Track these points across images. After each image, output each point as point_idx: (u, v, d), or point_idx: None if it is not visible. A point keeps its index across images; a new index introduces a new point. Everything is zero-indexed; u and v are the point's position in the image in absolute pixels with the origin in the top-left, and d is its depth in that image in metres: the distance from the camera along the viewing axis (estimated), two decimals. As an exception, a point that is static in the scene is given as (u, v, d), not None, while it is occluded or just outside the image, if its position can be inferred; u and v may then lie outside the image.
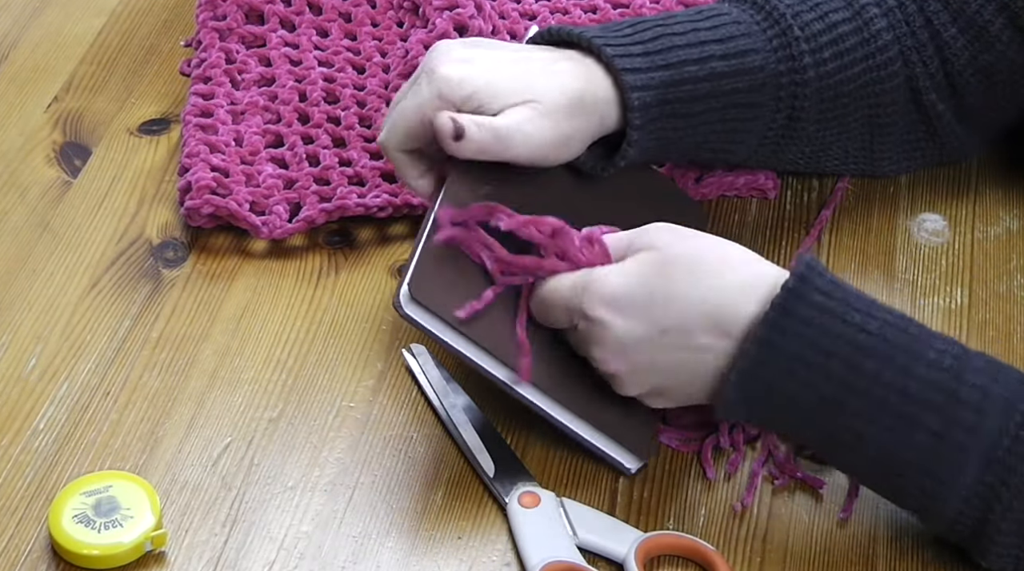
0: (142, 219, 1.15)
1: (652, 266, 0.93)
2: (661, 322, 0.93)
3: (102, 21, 1.32)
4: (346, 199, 1.14)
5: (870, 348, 0.90)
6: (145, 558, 0.94)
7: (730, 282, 0.92)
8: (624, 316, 0.93)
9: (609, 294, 0.93)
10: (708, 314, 0.92)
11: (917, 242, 1.16)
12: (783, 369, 0.90)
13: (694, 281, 0.92)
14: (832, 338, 0.90)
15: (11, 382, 1.04)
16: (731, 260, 0.94)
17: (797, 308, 0.90)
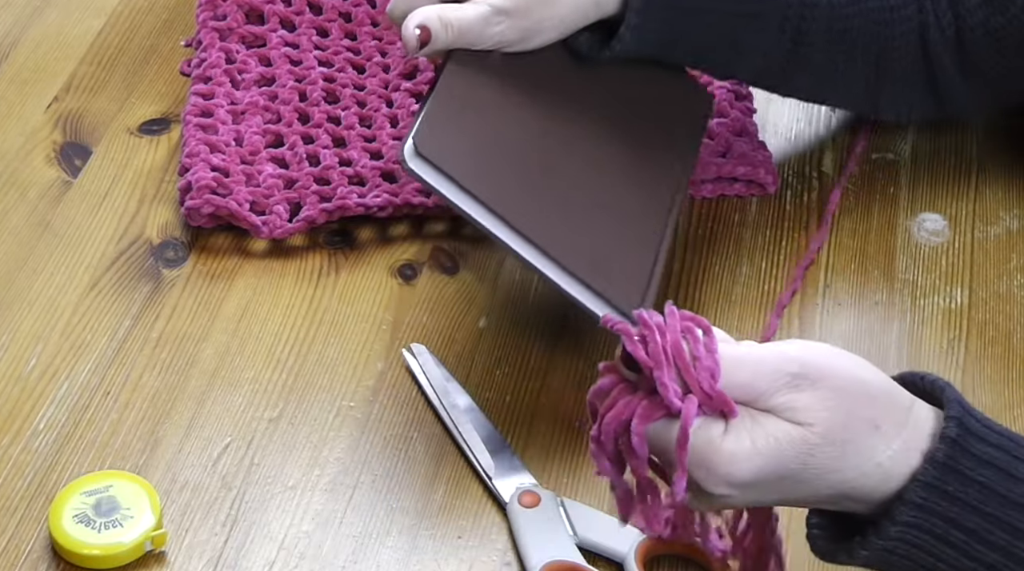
0: (142, 219, 1.15)
1: (796, 451, 0.77)
2: (786, 496, 0.80)
3: (102, 21, 1.32)
4: (346, 199, 1.14)
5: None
6: (145, 558, 0.94)
7: (880, 466, 0.78)
8: (746, 492, 0.78)
9: (736, 479, 0.77)
10: (842, 495, 0.79)
11: (917, 242, 1.16)
12: (937, 533, 0.78)
13: (836, 473, 0.78)
14: (998, 499, 0.77)
15: (11, 382, 1.04)
16: (883, 430, 0.78)
17: (959, 463, 0.77)
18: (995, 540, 0.78)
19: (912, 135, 1.25)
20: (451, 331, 1.08)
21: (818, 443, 0.77)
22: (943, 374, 1.05)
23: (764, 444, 0.77)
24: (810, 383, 0.77)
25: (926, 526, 0.78)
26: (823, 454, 0.77)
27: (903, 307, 1.11)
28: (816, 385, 0.77)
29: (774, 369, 0.78)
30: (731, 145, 1.20)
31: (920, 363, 1.07)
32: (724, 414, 0.77)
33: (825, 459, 0.77)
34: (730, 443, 0.77)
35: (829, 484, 0.78)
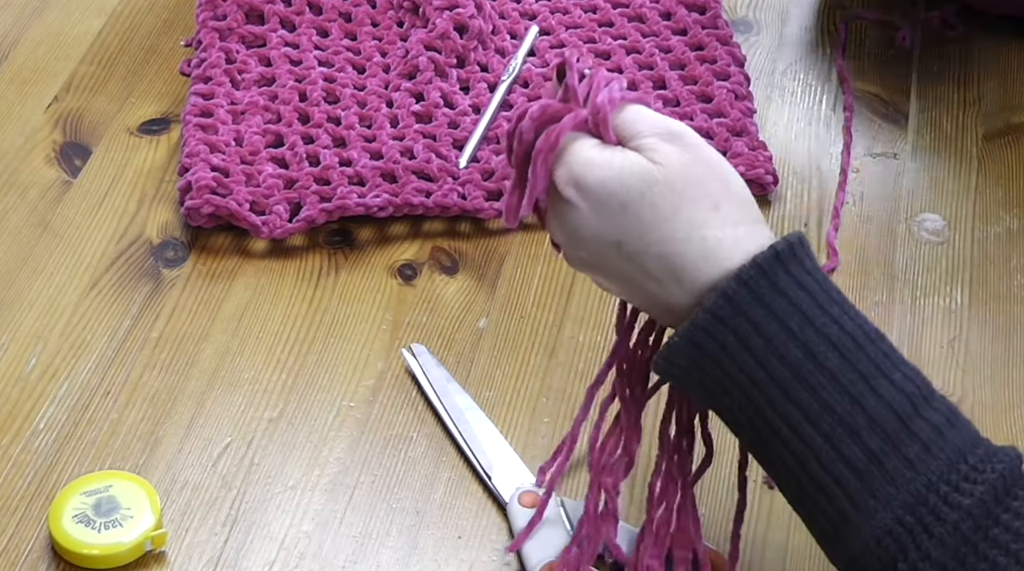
0: (142, 219, 1.15)
1: (640, 179, 0.84)
2: (621, 235, 0.84)
3: (102, 21, 1.32)
4: (346, 199, 1.14)
5: (837, 343, 0.81)
6: (145, 558, 0.94)
7: (705, 239, 0.83)
8: (588, 206, 0.85)
9: (584, 181, 0.84)
10: (667, 262, 0.84)
11: (917, 242, 1.16)
12: (740, 334, 0.81)
13: (666, 223, 0.83)
14: (802, 318, 0.81)
15: (11, 382, 1.04)
16: (722, 213, 0.84)
17: (776, 274, 0.82)
18: (788, 354, 0.81)
19: (912, 135, 1.25)
20: (451, 331, 1.08)
21: (659, 180, 0.83)
22: (943, 374, 1.06)
23: (618, 163, 0.84)
24: (682, 143, 0.85)
25: (732, 323, 0.81)
26: (660, 195, 0.83)
27: (903, 307, 1.11)
28: (685, 147, 0.85)
29: (659, 121, 0.86)
30: (731, 145, 1.20)
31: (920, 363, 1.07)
32: (603, 137, 0.86)
33: (661, 201, 0.83)
34: (592, 150, 0.85)
35: (660, 235, 0.83)
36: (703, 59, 1.27)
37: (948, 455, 0.79)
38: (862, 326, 0.82)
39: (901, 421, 0.80)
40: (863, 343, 0.82)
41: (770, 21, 1.35)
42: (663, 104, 1.23)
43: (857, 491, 0.80)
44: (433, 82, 1.24)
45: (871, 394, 0.81)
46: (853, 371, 0.81)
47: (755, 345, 0.81)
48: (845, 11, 1.36)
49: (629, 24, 1.31)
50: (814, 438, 0.81)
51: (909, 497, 0.79)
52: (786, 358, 0.81)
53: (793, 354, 0.81)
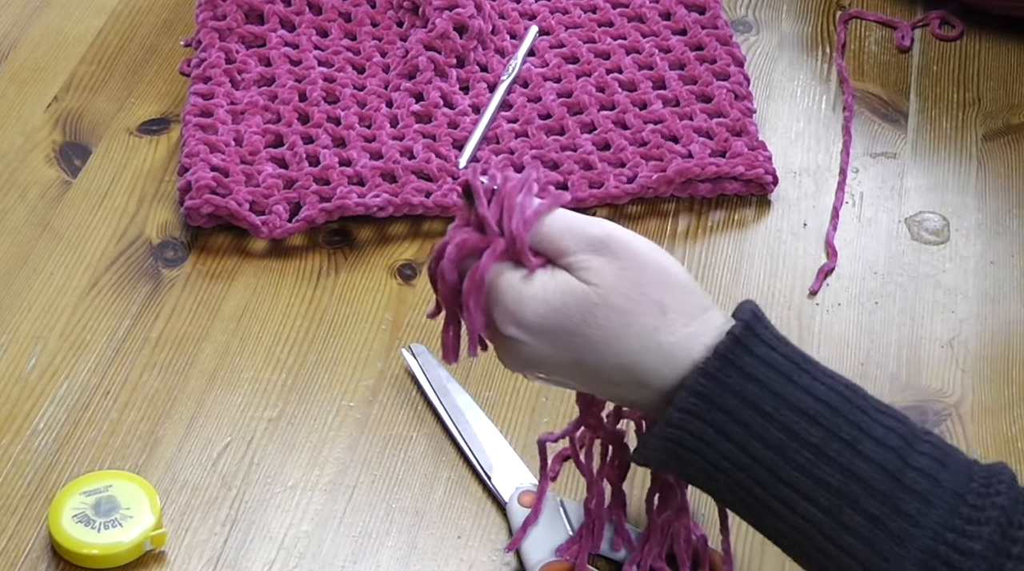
0: (142, 219, 1.15)
1: (578, 305, 0.82)
2: (575, 355, 0.83)
3: (102, 21, 1.32)
4: (346, 199, 1.14)
5: (816, 415, 0.80)
6: (145, 558, 0.94)
7: (661, 345, 0.82)
8: (537, 341, 0.83)
9: (523, 322, 0.82)
10: (628, 372, 0.83)
11: (917, 242, 1.16)
12: (717, 426, 0.81)
13: (618, 340, 0.82)
14: (776, 398, 0.80)
15: (11, 382, 1.04)
16: (670, 316, 0.82)
17: (741, 359, 0.81)
18: (768, 437, 0.80)
19: (912, 135, 1.25)
20: (451, 331, 1.08)
21: (598, 303, 0.81)
22: (943, 374, 1.06)
23: (552, 293, 0.82)
24: (610, 252, 0.82)
25: (706, 416, 0.81)
26: (603, 316, 0.82)
27: (903, 308, 1.11)
28: (615, 255, 0.82)
29: (581, 231, 0.83)
30: (731, 145, 1.20)
31: (920, 363, 1.07)
32: (524, 264, 0.83)
33: (606, 321, 0.82)
34: (523, 285, 0.82)
35: (615, 352, 0.82)
36: (703, 59, 1.27)
37: (947, 502, 0.79)
38: (834, 388, 0.81)
39: (894, 478, 0.79)
40: (839, 406, 0.81)
41: (770, 21, 1.35)
42: (663, 104, 1.23)
43: (865, 557, 0.79)
44: (433, 82, 1.24)
45: (859, 459, 0.79)
46: (837, 440, 0.80)
47: (734, 433, 0.81)
48: (845, 11, 1.36)
49: (629, 24, 1.31)
50: (813, 514, 0.80)
51: (919, 553, 0.78)
52: (768, 441, 0.80)
53: (774, 436, 0.80)
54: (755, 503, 0.82)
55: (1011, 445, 1.02)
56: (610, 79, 1.25)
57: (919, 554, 0.78)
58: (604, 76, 1.25)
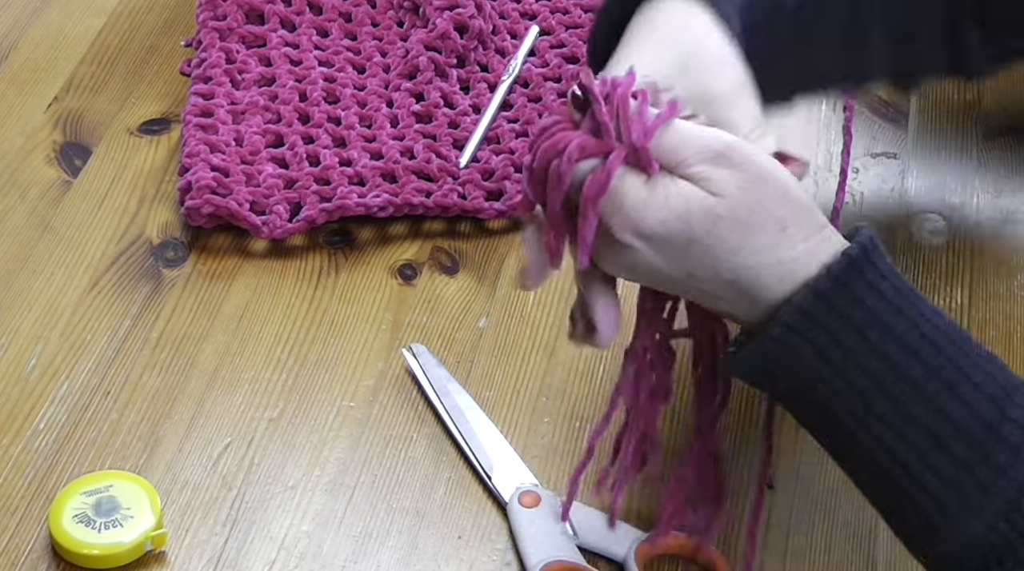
0: (142, 219, 1.15)
1: (703, 216, 0.80)
2: (689, 268, 0.81)
3: (102, 21, 1.32)
4: (346, 199, 1.14)
5: (918, 351, 0.79)
6: (145, 558, 0.94)
7: (780, 262, 0.80)
8: (653, 249, 0.81)
9: (644, 229, 0.80)
10: (740, 286, 0.81)
11: (917, 242, 1.16)
12: (818, 345, 0.80)
13: (737, 254, 0.80)
14: (882, 328, 0.79)
15: (11, 382, 1.04)
16: (790, 232, 0.81)
17: (852, 283, 0.80)
18: (868, 365, 0.79)
19: (912, 135, 1.25)
20: (451, 331, 1.08)
21: (723, 215, 0.80)
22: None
23: (676, 201, 0.80)
24: (732, 164, 0.80)
25: (808, 334, 0.80)
26: (727, 229, 0.80)
27: (903, 307, 1.11)
28: (737, 167, 0.80)
29: (702, 142, 0.81)
30: (731, 145, 1.19)
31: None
32: (646, 170, 0.80)
33: (729, 234, 0.80)
34: (645, 191, 0.80)
35: (731, 266, 0.81)
36: (703, 59, 1.27)
37: None
38: (940, 327, 0.81)
39: (988, 427, 0.79)
40: (943, 346, 0.80)
41: (770, 21, 1.35)
42: (663, 104, 1.23)
43: (946, 500, 0.79)
44: (433, 82, 1.24)
45: (956, 401, 0.79)
46: (936, 379, 0.79)
47: (834, 357, 0.80)
48: (845, 11, 1.36)
49: (629, 24, 1.31)
50: (899, 449, 0.79)
51: (1002, 504, 0.78)
52: (867, 370, 0.80)
53: (874, 366, 0.79)
54: (841, 431, 0.81)
55: None
56: (610, 79, 1.25)
57: (1002, 505, 0.77)
58: (604, 76, 1.25)
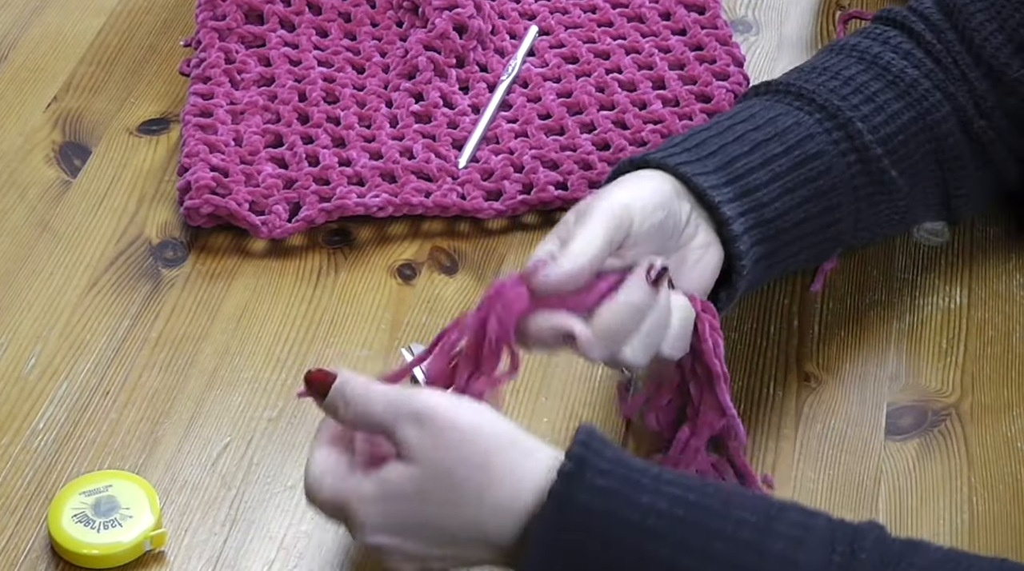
0: (142, 219, 1.15)
1: (410, 488, 0.83)
2: (434, 541, 0.84)
3: (102, 21, 1.32)
4: (346, 199, 1.14)
5: (660, 533, 0.80)
6: (145, 558, 0.94)
7: (491, 502, 0.82)
8: (400, 538, 0.84)
9: (377, 525, 0.84)
10: (474, 538, 0.83)
11: (917, 242, 1.16)
12: (571, 567, 0.81)
13: (453, 510, 0.83)
14: (618, 526, 0.80)
15: (11, 382, 1.04)
16: (494, 473, 0.83)
17: (575, 496, 0.81)
18: (624, 565, 0.80)
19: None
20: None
21: (424, 479, 0.83)
22: (943, 374, 1.06)
23: (387, 489, 0.84)
24: (425, 424, 0.83)
25: (561, 561, 0.81)
26: (433, 491, 0.83)
27: (902, 307, 1.11)
28: (431, 426, 0.83)
29: (400, 406, 0.84)
30: (731, 145, 1.19)
31: (920, 363, 1.07)
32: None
33: (436, 495, 0.83)
34: (357, 490, 0.84)
35: (458, 520, 0.83)
36: (702, 59, 1.27)
37: (817, 545, 0.79)
38: (678, 497, 0.81)
39: (757, 554, 0.79)
40: (686, 515, 0.80)
41: (770, 21, 1.35)
42: (662, 104, 1.23)
43: None
44: (432, 82, 1.24)
45: (712, 566, 0.80)
46: (686, 553, 0.80)
47: (589, 568, 0.81)
48: (845, 11, 1.36)
49: (629, 24, 1.31)
50: None
51: None
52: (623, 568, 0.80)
53: (628, 563, 0.80)
54: None
55: (1010, 445, 1.02)
56: (610, 79, 1.25)
57: None
58: (604, 76, 1.25)
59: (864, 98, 1.04)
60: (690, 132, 1.02)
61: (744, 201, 0.98)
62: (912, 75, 1.06)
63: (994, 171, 1.10)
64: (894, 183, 1.04)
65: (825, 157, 1.01)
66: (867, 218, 1.05)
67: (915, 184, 1.06)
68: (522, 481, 0.82)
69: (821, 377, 1.06)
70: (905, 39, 1.08)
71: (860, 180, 1.03)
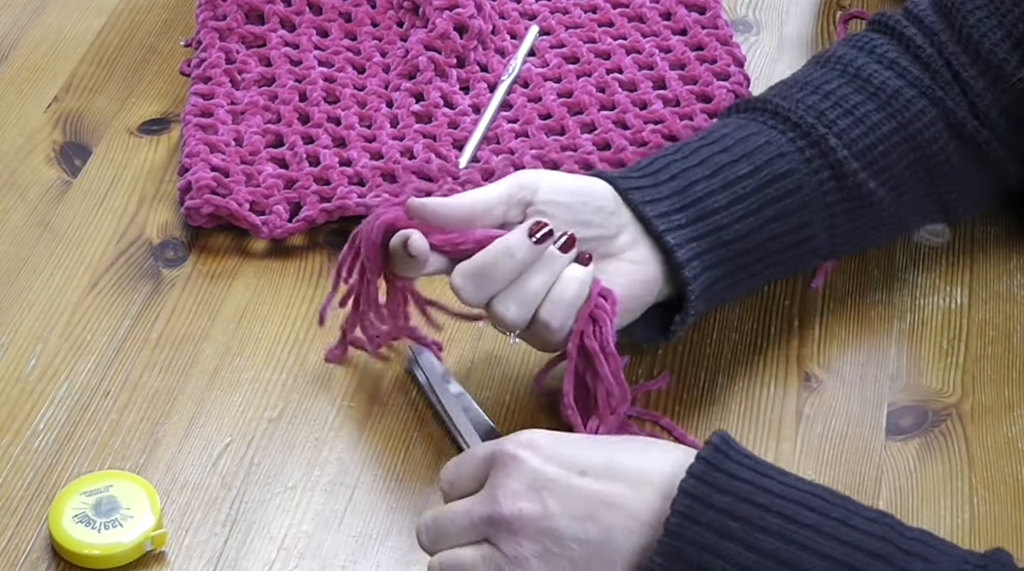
0: (142, 219, 1.15)
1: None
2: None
3: (102, 21, 1.32)
4: (346, 199, 1.14)
5: (806, 501, 0.82)
6: (145, 558, 0.94)
7: (654, 452, 0.86)
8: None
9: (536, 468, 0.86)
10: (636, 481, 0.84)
11: (917, 242, 1.16)
12: (716, 525, 0.81)
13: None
14: (765, 493, 0.82)
15: (11, 382, 1.04)
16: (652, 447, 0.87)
17: (724, 464, 0.83)
18: (769, 526, 0.80)
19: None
20: (451, 331, 1.08)
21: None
22: (943, 374, 1.06)
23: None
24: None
25: (703, 517, 0.81)
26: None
27: (903, 307, 1.11)
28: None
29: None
30: (731, 145, 1.19)
31: (920, 363, 1.07)
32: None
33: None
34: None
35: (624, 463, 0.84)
36: (703, 59, 1.27)
37: (947, 558, 0.80)
38: (812, 484, 0.83)
39: (891, 543, 0.80)
40: (824, 495, 0.82)
41: (770, 21, 1.35)
42: (663, 104, 1.23)
43: None
44: (433, 82, 1.24)
45: (856, 531, 0.81)
46: (830, 519, 0.81)
47: (734, 530, 0.81)
48: (845, 11, 1.36)
49: (629, 24, 1.31)
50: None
51: None
52: (768, 529, 0.81)
53: (773, 523, 0.81)
54: None
55: (1011, 445, 1.02)
56: (610, 79, 1.25)
57: None
58: (604, 76, 1.25)
59: (843, 111, 1.05)
60: (657, 155, 1.04)
61: (700, 225, 1.00)
62: (895, 85, 1.07)
63: (993, 171, 1.10)
64: (874, 195, 1.05)
65: (795, 175, 1.03)
66: (846, 232, 1.06)
67: (901, 194, 1.07)
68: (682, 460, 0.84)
69: (821, 377, 1.06)
70: (892, 47, 1.09)
71: (834, 196, 1.04)
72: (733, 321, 1.09)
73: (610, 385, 0.96)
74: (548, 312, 0.95)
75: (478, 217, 0.96)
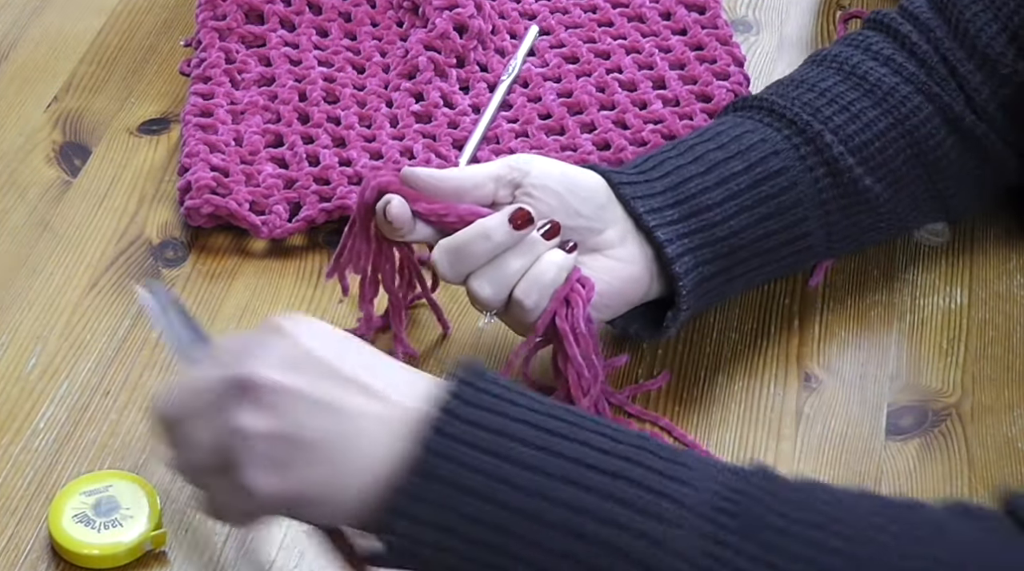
0: (142, 219, 1.15)
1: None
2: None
3: (102, 21, 1.32)
4: (346, 199, 1.14)
5: (560, 415, 0.78)
6: (145, 558, 0.94)
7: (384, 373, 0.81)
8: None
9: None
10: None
11: (917, 242, 1.16)
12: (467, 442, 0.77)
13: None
14: (519, 408, 0.78)
15: (11, 382, 1.04)
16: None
17: (479, 382, 0.79)
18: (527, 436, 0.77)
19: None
20: (451, 331, 1.08)
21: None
22: (943, 374, 1.06)
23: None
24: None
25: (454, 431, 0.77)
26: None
27: (903, 307, 1.11)
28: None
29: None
30: (731, 145, 1.19)
31: (920, 363, 1.07)
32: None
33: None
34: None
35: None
36: (703, 59, 1.27)
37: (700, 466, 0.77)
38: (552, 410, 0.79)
39: (646, 451, 0.77)
40: (569, 415, 0.79)
41: (770, 21, 1.35)
42: (663, 104, 1.23)
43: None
44: (433, 82, 1.24)
45: (608, 440, 0.77)
46: (581, 434, 0.77)
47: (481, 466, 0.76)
48: (845, 11, 1.36)
49: (629, 24, 1.31)
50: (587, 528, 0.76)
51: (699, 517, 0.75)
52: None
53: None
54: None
55: (1011, 445, 1.02)
56: (610, 79, 1.25)
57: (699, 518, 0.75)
58: (604, 76, 1.25)
59: (839, 108, 1.06)
60: (651, 152, 1.04)
61: (692, 221, 1.00)
62: (890, 82, 1.07)
63: (992, 167, 1.10)
64: (870, 191, 1.05)
65: (790, 172, 1.03)
66: (843, 230, 1.06)
67: (898, 190, 1.07)
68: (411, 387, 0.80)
69: (821, 377, 1.06)
70: (888, 44, 1.09)
71: (830, 193, 1.04)
72: (733, 320, 1.09)
73: (579, 366, 0.96)
74: (523, 291, 0.96)
75: (467, 191, 0.98)
